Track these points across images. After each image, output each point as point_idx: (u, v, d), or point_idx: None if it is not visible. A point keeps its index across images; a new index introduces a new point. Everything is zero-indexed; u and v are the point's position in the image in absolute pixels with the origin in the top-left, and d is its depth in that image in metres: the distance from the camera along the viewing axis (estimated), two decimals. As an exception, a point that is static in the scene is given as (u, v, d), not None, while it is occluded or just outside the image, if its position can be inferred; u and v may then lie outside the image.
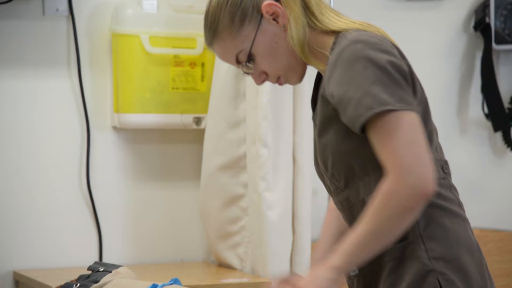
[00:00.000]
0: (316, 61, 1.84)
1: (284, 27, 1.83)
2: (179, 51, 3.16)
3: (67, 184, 3.13)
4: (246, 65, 1.86)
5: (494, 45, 3.48)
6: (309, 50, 1.83)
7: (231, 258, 3.12)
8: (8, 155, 3.07)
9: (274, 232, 2.99)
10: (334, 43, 1.80)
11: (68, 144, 3.13)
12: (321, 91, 1.81)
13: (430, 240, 1.75)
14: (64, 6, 3.09)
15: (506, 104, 3.56)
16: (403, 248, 1.75)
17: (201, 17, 1.90)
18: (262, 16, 1.82)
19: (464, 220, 1.80)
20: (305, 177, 3.07)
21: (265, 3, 1.82)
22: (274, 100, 3.00)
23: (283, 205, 3.02)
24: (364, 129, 1.72)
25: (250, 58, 1.85)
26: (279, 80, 1.88)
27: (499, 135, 3.58)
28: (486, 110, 3.54)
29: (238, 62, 1.87)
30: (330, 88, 1.76)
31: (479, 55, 3.54)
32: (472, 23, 3.53)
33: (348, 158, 1.78)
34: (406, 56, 1.79)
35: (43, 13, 3.08)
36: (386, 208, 1.67)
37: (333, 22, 1.82)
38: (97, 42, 3.14)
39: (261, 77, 1.88)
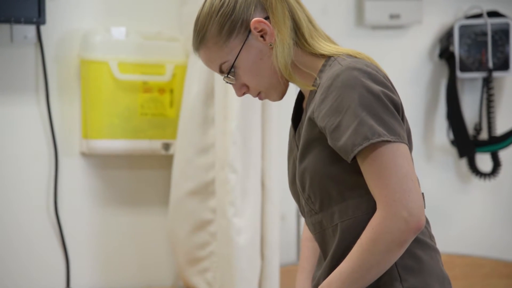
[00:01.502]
0: (300, 80, 1.85)
1: (270, 45, 1.84)
2: (148, 77, 3.18)
3: (34, 209, 3.11)
4: (228, 76, 1.87)
5: (458, 73, 3.53)
6: (294, 68, 1.85)
7: (199, 283, 3.11)
8: (-25, 181, 3.06)
9: (242, 257, 3.00)
10: (324, 65, 1.82)
11: (36, 169, 3.12)
12: (309, 113, 1.81)
13: (405, 271, 1.76)
14: (33, 33, 3.09)
15: (470, 131, 3.60)
16: (379, 278, 1.76)
17: (170, 44, 1.92)
18: (250, 31, 1.84)
19: (436, 252, 1.83)
20: (273, 202, 3.08)
21: (254, 19, 1.83)
22: (243, 125, 3.01)
23: (252, 230, 3.03)
24: (354, 157, 1.73)
25: (233, 70, 1.86)
26: (259, 95, 1.90)
27: (464, 161, 3.61)
28: (451, 137, 3.58)
29: (221, 71, 1.88)
30: (323, 112, 1.76)
31: (444, 83, 3.58)
32: (437, 51, 3.58)
33: (327, 183, 1.79)
34: (395, 89, 1.82)
35: (11, 40, 3.08)
36: (378, 243, 1.70)
37: (323, 47, 1.84)
38: (66, 69, 3.14)
39: (242, 89, 1.89)
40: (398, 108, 1.77)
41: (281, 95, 1.89)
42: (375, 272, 1.73)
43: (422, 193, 1.78)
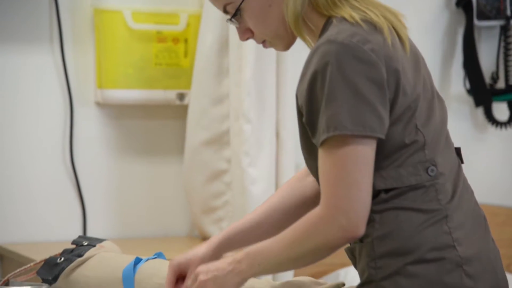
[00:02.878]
0: (308, 38, 1.77)
1: None
2: (162, 27, 3.16)
3: (50, 159, 3.14)
4: (231, 19, 1.77)
5: (475, 21, 3.50)
6: (303, 24, 1.75)
7: (214, 232, 3.14)
8: (-9, 131, 3.08)
9: (257, 206, 3.01)
10: (323, 29, 1.73)
11: (51, 119, 3.14)
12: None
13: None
14: (47, -18, 3.09)
15: (487, 80, 3.58)
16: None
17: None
18: None
19: (434, 214, 1.70)
20: (288, 152, 3.09)
21: None
22: (258, 76, 3.01)
23: (267, 180, 3.04)
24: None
25: (238, 13, 1.76)
26: (263, 43, 1.80)
27: (480, 110, 3.60)
28: (467, 86, 3.56)
29: (225, 11, 1.78)
30: (300, 91, 1.70)
31: (461, 31, 3.56)
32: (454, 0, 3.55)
33: (306, 153, 1.75)
34: (395, 56, 1.68)
35: (26, -11, 3.08)
36: (309, 241, 1.64)
37: (327, 5, 1.72)
38: (80, 18, 3.13)
39: (245, 34, 1.79)
40: (380, 85, 1.63)
41: (287, 46, 1.81)
42: (298, 264, 1.69)
43: (435, 162, 1.70)
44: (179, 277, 1.88)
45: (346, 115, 1.61)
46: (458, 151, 1.83)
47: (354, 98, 1.62)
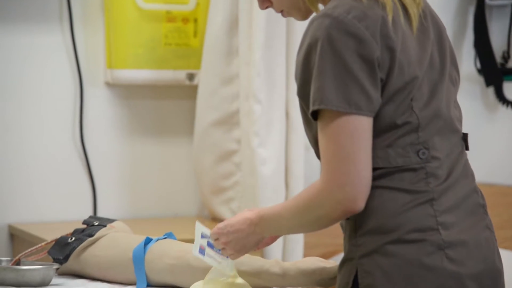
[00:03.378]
0: (318, 9, 1.76)
1: None
2: (172, 6, 3.16)
3: (61, 138, 3.14)
4: None
5: (487, 0, 3.48)
6: None
7: (224, 212, 3.14)
8: (1, 110, 3.08)
9: (267, 187, 3.01)
10: (330, 1, 1.71)
11: (61, 99, 3.14)
12: None
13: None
14: (56, -39, 3.08)
15: (498, 59, 3.57)
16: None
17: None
18: None
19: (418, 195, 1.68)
20: (298, 132, 3.09)
21: None
22: (267, 56, 3.00)
23: (276, 161, 3.04)
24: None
25: None
26: (282, 12, 1.80)
27: (491, 90, 3.59)
28: (478, 65, 3.55)
29: None
30: (296, 61, 1.70)
31: (472, 10, 3.54)
32: (465, -22, 3.53)
33: (305, 125, 1.75)
34: (394, 33, 1.65)
35: (35, -31, 3.07)
36: (310, 212, 1.66)
37: None
38: (90, -3, 3.14)
39: (264, 3, 1.80)
40: (371, 64, 1.62)
41: (305, 16, 1.80)
42: (302, 230, 1.81)
43: (427, 145, 1.67)
44: None
45: (333, 90, 1.61)
46: (465, 136, 1.80)
47: (342, 74, 1.61)
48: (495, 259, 1.74)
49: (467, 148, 1.80)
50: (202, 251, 1.86)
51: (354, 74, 1.62)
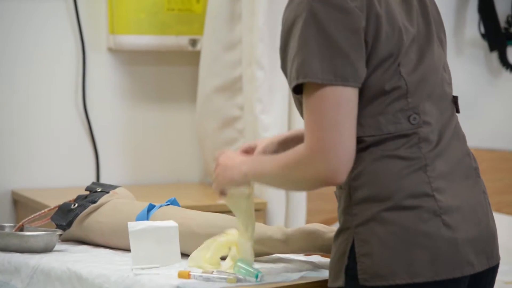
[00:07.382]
0: None
1: None
2: (174, -29, 3.14)
3: (63, 104, 3.14)
4: None
5: (491, -36, 3.46)
6: None
7: (227, 178, 3.14)
8: (4, 77, 3.07)
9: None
10: None
11: (64, 65, 3.13)
12: None
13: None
14: None
15: (502, 24, 3.55)
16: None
17: None
18: None
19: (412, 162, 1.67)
20: (300, 98, 3.08)
21: None
22: (271, 21, 2.98)
23: (279, 127, 3.04)
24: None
25: None
26: None
27: (495, 55, 3.57)
28: (482, 30, 3.53)
29: None
30: (281, 30, 1.69)
31: (476, -25, 3.52)
32: None
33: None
34: (375, 1, 1.63)
35: None
36: (292, 173, 1.65)
37: None
38: (91, -38, 3.12)
39: None
40: (356, 33, 1.61)
41: None
42: (287, 188, 1.90)
43: (418, 111, 1.66)
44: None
45: (318, 63, 1.60)
46: (455, 99, 1.78)
47: (327, 46, 1.60)
48: (489, 222, 1.74)
49: (457, 111, 1.79)
50: None
51: (339, 45, 1.61)
